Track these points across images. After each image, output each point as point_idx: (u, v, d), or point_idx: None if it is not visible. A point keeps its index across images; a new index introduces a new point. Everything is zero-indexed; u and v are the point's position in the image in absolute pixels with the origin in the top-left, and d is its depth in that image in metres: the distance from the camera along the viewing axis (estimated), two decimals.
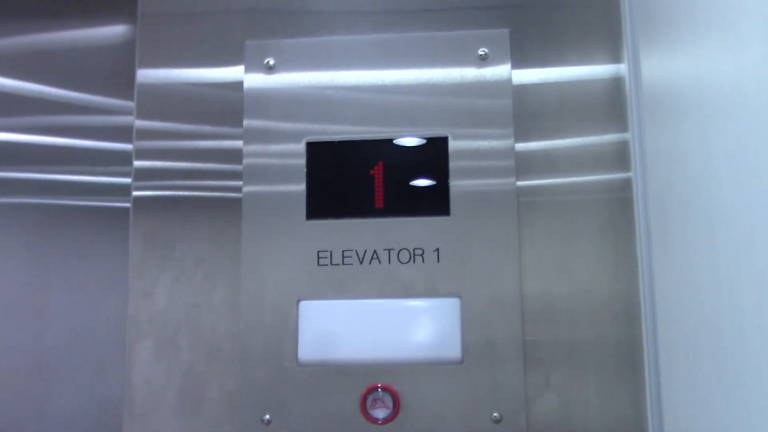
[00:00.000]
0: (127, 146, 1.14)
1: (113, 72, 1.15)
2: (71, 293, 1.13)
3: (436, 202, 1.05)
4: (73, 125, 1.16)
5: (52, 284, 1.14)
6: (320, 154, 1.07)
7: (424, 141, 1.06)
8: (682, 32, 0.82)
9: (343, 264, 1.05)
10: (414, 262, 1.04)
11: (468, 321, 1.02)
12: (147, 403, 1.05)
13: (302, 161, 1.07)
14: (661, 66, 0.92)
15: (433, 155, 1.06)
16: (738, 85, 0.67)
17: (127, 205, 1.11)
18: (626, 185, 1.04)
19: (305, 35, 1.11)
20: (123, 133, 1.14)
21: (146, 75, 1.12)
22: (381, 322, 1.03)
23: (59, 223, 1.15)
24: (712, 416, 0.76)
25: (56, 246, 1.15)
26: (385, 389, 1.01)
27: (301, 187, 1.07)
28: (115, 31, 1.16)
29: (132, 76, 1.12)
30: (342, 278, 1.04)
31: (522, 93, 1.07)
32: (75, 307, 1.13)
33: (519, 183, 1.05)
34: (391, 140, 1.07)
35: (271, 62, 1.10)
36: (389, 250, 1.05)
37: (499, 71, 1.07)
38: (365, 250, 1.05)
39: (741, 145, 0.66)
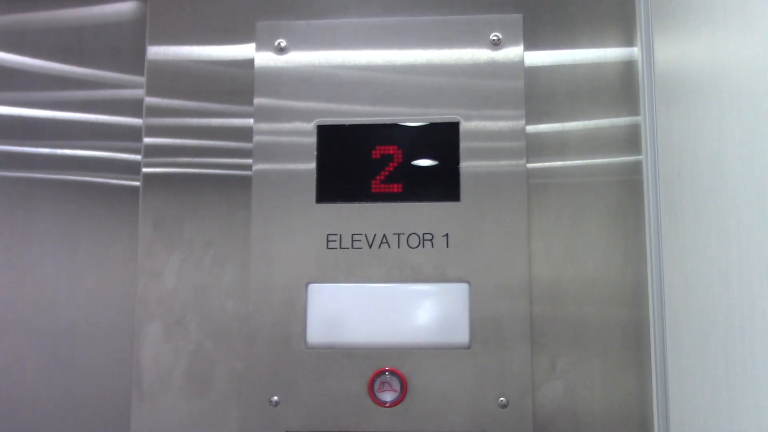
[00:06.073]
0: (137, 121, 1.13)
1: (125, 48, 1.14)
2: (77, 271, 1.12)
3: (447, 188, 1.05)
4: (83, 100, 1.15)
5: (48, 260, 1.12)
6: (331, 138, 1.07)
7: (435, 126, 1.06)
8: (698, 17, 0.82)
9: (352, 248, 1.04)
10: (423, 247, 1.04)
11: (476, 306, 1.02)
12: (155, 383, 1.04)
13: (312, 140, 1.07)
14: (676, 50, 0.92)
15: (444, 141, 1.06)
16: (754, 71, 0.67)
17: (136, 183, 1.10)
18: (636, 168, 1.04)
19: (316, 17, 1.10)
20: (134, 107, 1.13)
21: (156, 52, 1.12)
22: (390, 307, 1.03)
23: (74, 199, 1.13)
24: (718, 404, 0.76)
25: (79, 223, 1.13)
26: (392, 373, 1.01)
27: (311, 166, 1.07)
28: (127, 7, 1.16)
29: (143, 52, 1.12)
30: (351, 262, 1.04)
31: (534, 75, 1.07)
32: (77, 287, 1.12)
33: (529, 165, 1.05)
34: (402, 125, 1.07)
35: (283, 44, 1.09)
36: (399, 234, 1.04)
37: (512, 55, 1.07)
38: (375, 235, 1.05)
39: (755, 131, 0.66)
